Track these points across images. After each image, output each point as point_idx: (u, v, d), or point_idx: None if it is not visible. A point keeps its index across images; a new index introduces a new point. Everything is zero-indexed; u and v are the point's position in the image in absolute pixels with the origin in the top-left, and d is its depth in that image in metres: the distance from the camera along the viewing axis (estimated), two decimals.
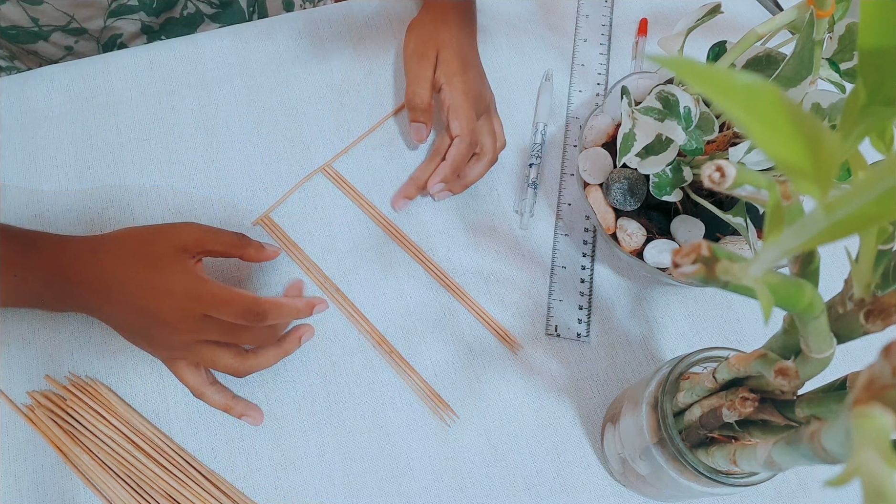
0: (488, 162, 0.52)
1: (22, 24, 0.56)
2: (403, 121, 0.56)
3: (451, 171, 0.50)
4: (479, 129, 0.52)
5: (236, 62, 0.58)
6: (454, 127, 0.49)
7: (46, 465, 0.44)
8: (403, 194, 0.52)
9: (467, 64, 0.51)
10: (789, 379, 0.26)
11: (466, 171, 0.52)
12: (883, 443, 0.14)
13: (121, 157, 0.53)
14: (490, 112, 0.53)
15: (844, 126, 0.19)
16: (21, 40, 0.58)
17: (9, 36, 0.57)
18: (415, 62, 0.52)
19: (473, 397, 0.47)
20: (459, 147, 0.49)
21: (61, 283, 0.41)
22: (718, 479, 0.32)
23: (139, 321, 0.40)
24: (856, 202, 0.16)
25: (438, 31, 0.52)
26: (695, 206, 0.44)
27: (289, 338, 0.46)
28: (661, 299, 0.51)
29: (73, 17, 0.58)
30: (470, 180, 0.52)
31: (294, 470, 0.45)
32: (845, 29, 0.37)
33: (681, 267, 0.18)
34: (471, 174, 0.52)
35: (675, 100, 0.40)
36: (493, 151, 0.52)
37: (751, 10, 0.62)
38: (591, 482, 0.45)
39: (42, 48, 0.60)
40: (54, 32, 0.59)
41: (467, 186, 0.52)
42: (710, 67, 0.15)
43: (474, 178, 0.52)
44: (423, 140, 0.53)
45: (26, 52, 0.61)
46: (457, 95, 0.50)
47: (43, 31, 0.58)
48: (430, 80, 0.51)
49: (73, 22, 0.58)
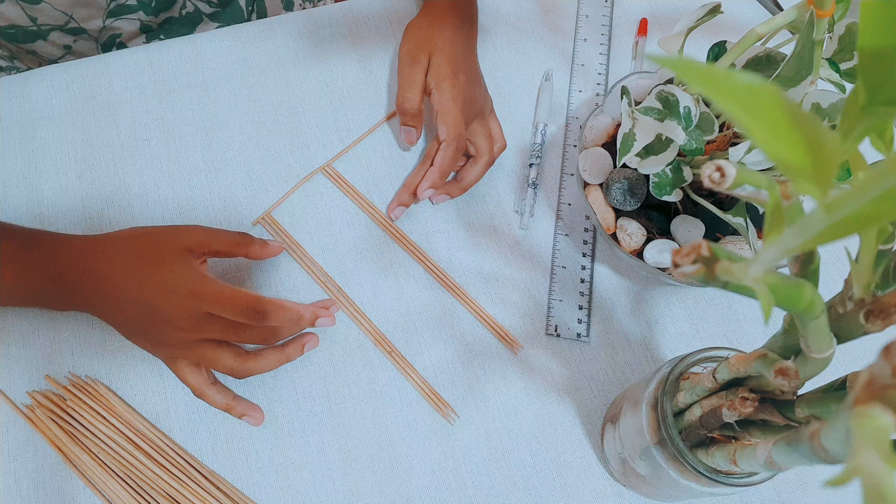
0: (484, 164, 0.52)
1: (20, 24, 0.56)
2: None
3: (439, 176, 0.50)
4: (472, 132, 0.52)
5: (236, 62, 0.58)
6: (441, 132, 0.50)
7: (46, 465, 0.44)
8: (398, 202, 0.52)
9: (458, 68, 0.51)
10: (789, 379, 0.26)
11: (463, 175, 0.52)
12: (883, 443, 0.14)
13: (121, 157, 0.53)
14: (484, 115, 0.53)
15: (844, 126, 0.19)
16: (20, 40, 0.58)
17: (7, 35, 0.57)
18: (407, 66, 0.52)
19: (473, 397, 0.47)
20: (446, 152, 0.49)
21: (64, 281, 0.42)
22: (718, 479, 0.32)
23: (142, 319, 0.40)
24: (856, 202, 0.16)
25: (433, 34, 0.52)
26: (695, 206, 0.44)
27: (292, 344, 0.46)
28: (661, 299, 0.51)
29: (72, 16, 0.58)
30: (467, 183, 0.52)
31: (294, 470, 0.45)
32: (845, 29, 0.37)
33: (681, 267, 0.18)
34: (468, 177, 0.52)
35: (675, 100, 0.40)
36: (488, 153, 0.52)
37: (751, 10, 0.62)
38: (591, 482, 0.45)
39: (41, 48, 0.60)
40: (53, 32, 0.59)
41: (465, 189, 0.52)
42: (710, 67, 0.15)
43: (471, 181, 0.52)
44: (413, 143, 0.53)
45: (25, 52, 0.61)
46: (445, 100, 0.50)
47: (41, 30, 0.58)
48: (420, 84, 0.51)
49: (71, 21, 0.58)
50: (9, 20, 0.56)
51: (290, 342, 0.46)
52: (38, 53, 0.61)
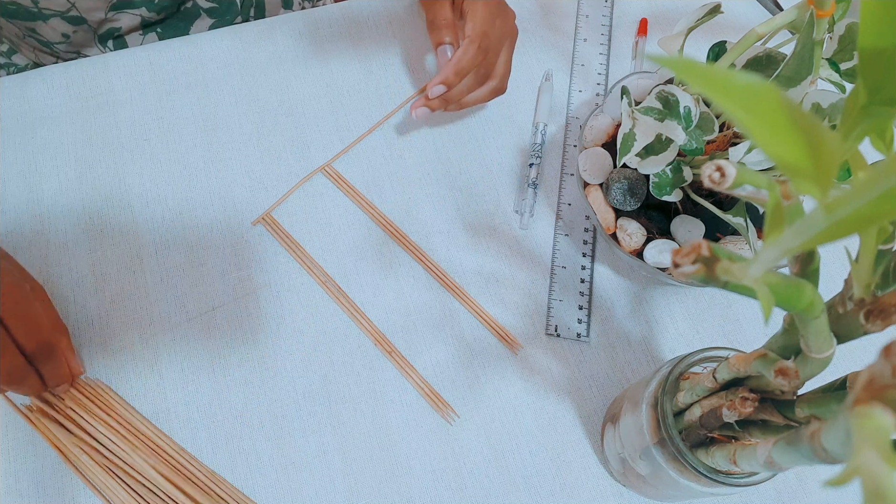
0: (492, 89, 0.49)
1: (21, 2, 0.56)
2: (403, 121, 0.56)
3: (453, 73, 0.46)
4: (495, 47, 0.48)
5: (236, 62, 0.58)
6: (467, 28, 0.46)
7: (46, 465, 0.44)
8: (423, 103, 0.48)
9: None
10: (789, 379, 0.26)
11: (466, 90, 0.49)
12: (883, 443, 0.14)
13: (121, 157, 0.53)
14: (509, 47, 0.50)
15: (844, 126, 0.19)
16: (20, 16, 0.58)
17: (9, 12, 0.57)
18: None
19: (473, 397, 0.47)
20: (468, 48, 0.46)
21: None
22: (718, 479, 0.32)
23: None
24: (856, 202, 0.16)
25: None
26: (695, 206, 0.44)
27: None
28: (661, 299, 0.51)
29: (74, 4, 0.57)
30: (468, 101, 0.49)
31: (294, 470, 0.45)
32: (845, 29, 0.37)
33: (681, 267, 0.18)
34: (471, 96, 0.49)
35: (675, 100, 0.40)
36: (500, 79, 0.49)
37: (751, 10, 0.62)
38: (591, 482, 0.45)
39: (41, 28, 0.60)
40: (53, 17, 0.58)
41: (464, 107, 0.49)
42: (710, 67, 0.15)
43: (473, 101, 0.49)
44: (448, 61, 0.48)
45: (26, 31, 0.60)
46: (478, 3, 0.46)
47: (43, 13, 0.57)
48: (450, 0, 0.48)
49: (72, 10, 0.58)
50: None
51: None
52: (38, 33, 0.61)
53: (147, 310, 0.48)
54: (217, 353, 0.48)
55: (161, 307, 0.49)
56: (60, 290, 0.49)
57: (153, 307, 0.49)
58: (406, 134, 0.56)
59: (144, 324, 0.48)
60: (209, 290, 0.49)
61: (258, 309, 0.49)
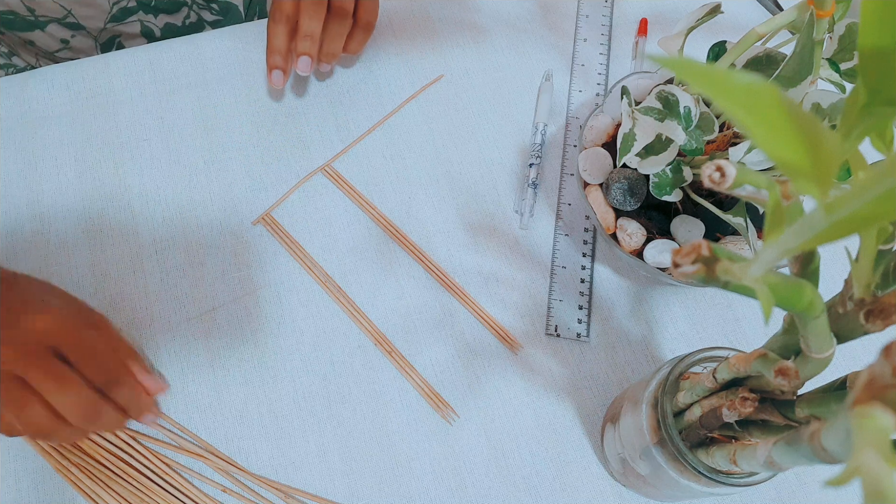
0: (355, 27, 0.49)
1: (18, 11, 0.56)
2: (403, 121, 0.56)
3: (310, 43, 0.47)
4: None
5: (236, 62, 0.58)
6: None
7: (46, 465, 0.44)
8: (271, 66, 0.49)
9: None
10: (789, 379, 0.26)
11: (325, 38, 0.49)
12: (883, 443, 0.14)
13: (121, 157, 0.53)
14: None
15: (844, 126, 0.19)
16: (17, 27, 0.58)
17: (6, 21, 0.57)
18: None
19: (473, 397, 0.47)
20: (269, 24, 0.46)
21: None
22: (718, 479, 0.32)
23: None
24: (856, 202, 0.16)
25: None
26: (695, 206, 0.44)
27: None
28: (661, 299, 0.51)
29: (71, 11, 0.57)
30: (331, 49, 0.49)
31: (294, 470, 0.45)
32: (845, 29, 0.37)
33: (681, 267, 0.18)
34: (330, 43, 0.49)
35: (675, 100, 0.40)
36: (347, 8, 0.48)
37: (751, 10, 0.62)
38: (591, 482, 0.45)
39: (38, 38, 0.60)
40: (51, 24, 0.58)
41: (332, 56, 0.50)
42: (710, 67, 0.15)
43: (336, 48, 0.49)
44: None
45: (24, 42, 0.61)
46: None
47: (39, 20, 0.57)
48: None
49: (69, 16, 0.58)
50: (7, 5, 0.55)
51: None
52: (36, 44, 0.61)
53: (147, 310, 0.48)
54: (217, 353, 0.48)
55: (161, 307, 0.49)
56: None
57: (153, 307, 0.49)
58: (406, 134, 0.56)
59: (144, 324, 0.48)
60: (209, 290, 0.49)
61: (258, 309, 0.49)
